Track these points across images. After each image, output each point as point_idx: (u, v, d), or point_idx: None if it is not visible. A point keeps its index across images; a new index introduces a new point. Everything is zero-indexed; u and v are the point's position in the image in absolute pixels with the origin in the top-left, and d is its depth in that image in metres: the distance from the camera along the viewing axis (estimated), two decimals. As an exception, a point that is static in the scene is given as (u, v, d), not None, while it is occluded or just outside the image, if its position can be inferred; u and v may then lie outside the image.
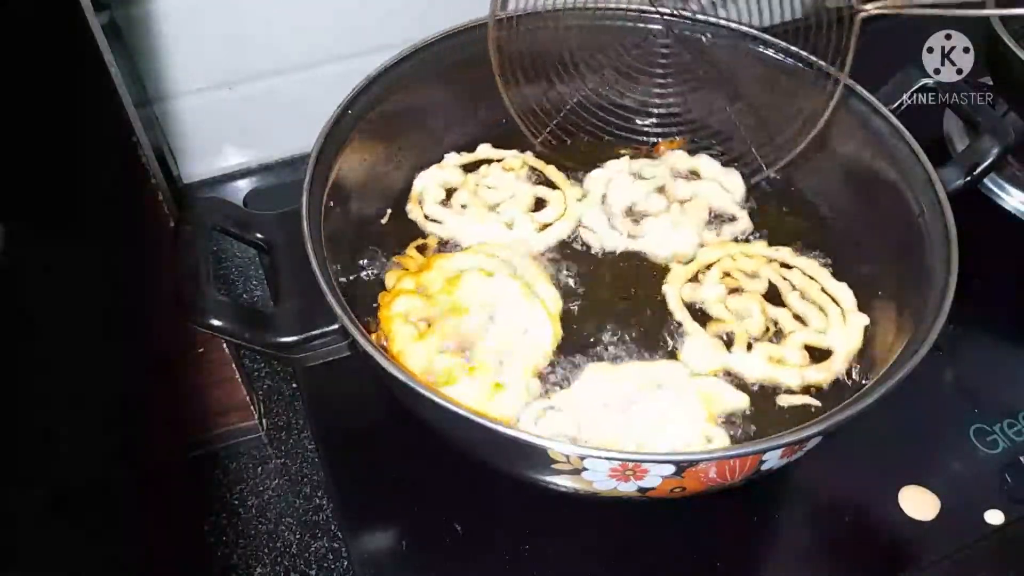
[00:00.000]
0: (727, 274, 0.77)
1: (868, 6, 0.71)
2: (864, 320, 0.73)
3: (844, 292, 0.75)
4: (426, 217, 0.80)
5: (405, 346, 0.67)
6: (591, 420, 0.66)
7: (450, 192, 0.82)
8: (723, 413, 0.68)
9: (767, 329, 0.73)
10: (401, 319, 0.69)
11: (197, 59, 0.89)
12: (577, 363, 0.71)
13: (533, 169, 0.85)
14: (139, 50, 0.85)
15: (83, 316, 0.61)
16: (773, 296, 0.76)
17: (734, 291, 0.76)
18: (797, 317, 0.74)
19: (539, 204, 0.82)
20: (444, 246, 0.79)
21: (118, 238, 0.61)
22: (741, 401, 0.69)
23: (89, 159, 0.56)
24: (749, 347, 0.72)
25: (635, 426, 0.65)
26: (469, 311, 0.70)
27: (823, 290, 0.75)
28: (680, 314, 0.74)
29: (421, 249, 0.78)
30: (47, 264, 0.58)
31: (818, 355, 0.72)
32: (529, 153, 0.86)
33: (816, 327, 0.73)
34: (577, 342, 0.72)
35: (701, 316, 0.74)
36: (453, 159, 0.84)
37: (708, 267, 0.77)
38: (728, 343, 0.72)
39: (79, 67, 0.53)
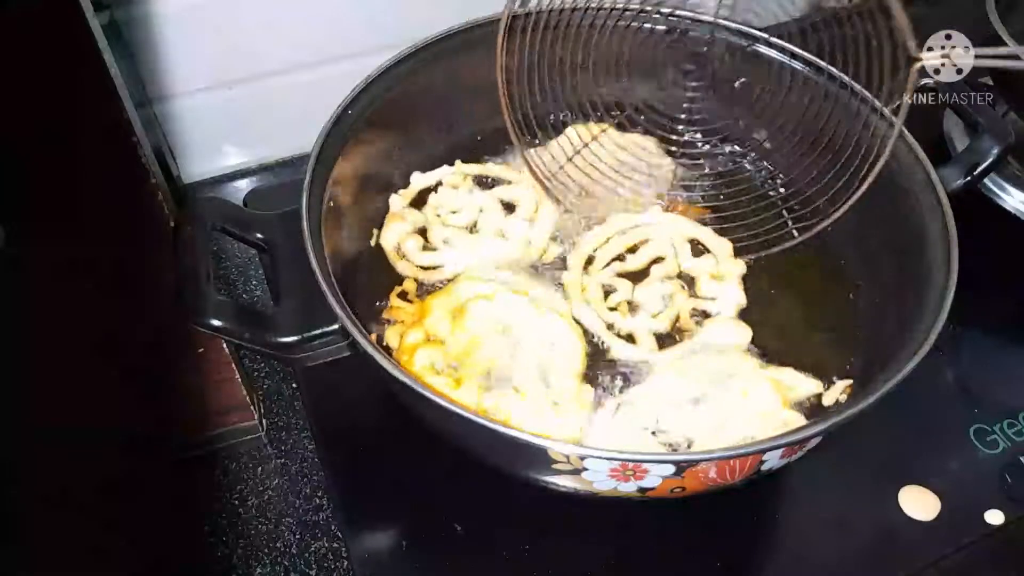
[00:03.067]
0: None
1: (925, 55, 0.69)
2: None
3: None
4: (421, 268, 0.77)
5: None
6: (669, 414, 0.67)
7: (423, 233, 0.79)
8: (796, 400, 0.69)
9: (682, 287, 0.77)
10: (430, 372, 0.67)
11: (197, 59, 0.89)
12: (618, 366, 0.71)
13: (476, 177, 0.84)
14: (139, 50, 0.85)
15: (82, 316, 0.61)
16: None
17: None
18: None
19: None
20: (423, 286, 0.76)
21: (117, 238, 0.61)
22: (813, 386, 0.69)
23: (88, 159, 0.56)
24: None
25: (713, 417, 0.66)
26: (488, 341, 0.69)
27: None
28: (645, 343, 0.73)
29: (403, 296, 0.75)
30: (47, 264, 0.58)
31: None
32: (458, 162, 0.84)
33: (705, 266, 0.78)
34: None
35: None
36: (398, 203, 0.80)
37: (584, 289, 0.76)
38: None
39: (79, 67, 0.53)
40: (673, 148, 0.86)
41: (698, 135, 0.87)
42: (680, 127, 0.86)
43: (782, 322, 0.75)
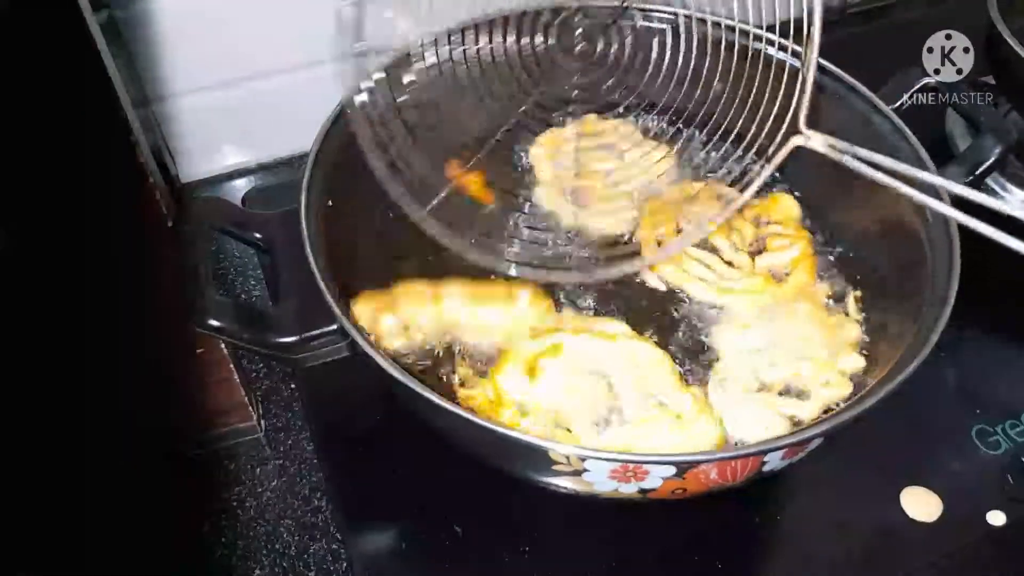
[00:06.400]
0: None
1: (810, 137, 0.64)
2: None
3: None
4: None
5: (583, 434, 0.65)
6: (760, 367, 0.69)
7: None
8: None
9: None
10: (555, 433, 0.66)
11: (196, 58, 0.89)
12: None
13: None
14: (138, 49, 0.85)
15: (80, 316, 0.61)
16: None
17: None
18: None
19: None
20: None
21: (116, 238, 0.61)
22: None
23: (87, 159, 0.56)
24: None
25: (791, 350, 0.70)
26: (579, 386, 0.67)
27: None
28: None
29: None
30: (45, 264, 0.58)
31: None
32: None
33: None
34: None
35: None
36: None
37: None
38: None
39: (77, 66, 0.53)
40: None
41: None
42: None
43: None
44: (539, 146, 0.85)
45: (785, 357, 0.70)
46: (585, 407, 0.66)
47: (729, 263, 0.77)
